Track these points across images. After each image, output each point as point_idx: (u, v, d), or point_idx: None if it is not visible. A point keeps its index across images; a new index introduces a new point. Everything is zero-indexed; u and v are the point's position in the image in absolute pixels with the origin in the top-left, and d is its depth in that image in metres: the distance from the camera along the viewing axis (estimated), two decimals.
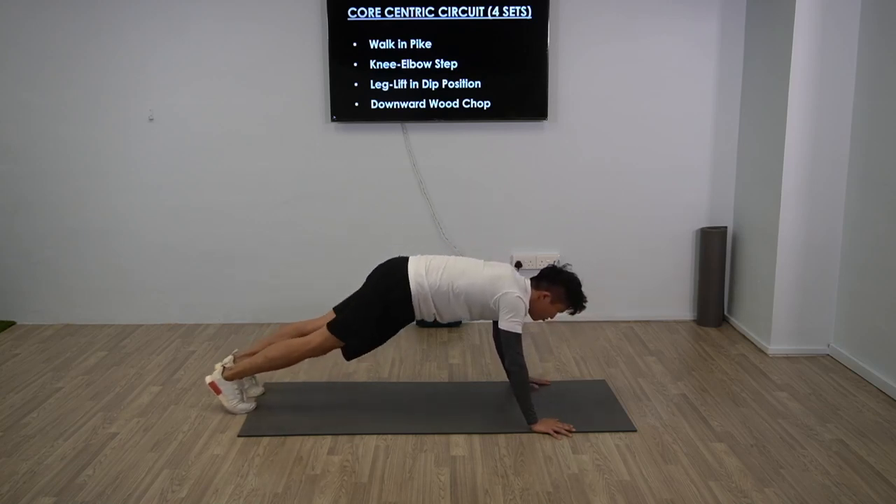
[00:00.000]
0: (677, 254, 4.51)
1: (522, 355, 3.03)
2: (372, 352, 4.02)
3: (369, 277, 3.23)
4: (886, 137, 3.43)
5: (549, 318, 3.22)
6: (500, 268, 3.14)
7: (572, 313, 3.23)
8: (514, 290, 3.04)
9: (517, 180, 4.42)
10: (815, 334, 3.93)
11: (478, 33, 4.18)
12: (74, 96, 4.29)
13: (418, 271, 3.09)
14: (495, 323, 3.38)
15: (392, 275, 3.12)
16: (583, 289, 3.20)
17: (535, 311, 3.17)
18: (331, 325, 3.13)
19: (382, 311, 3.10)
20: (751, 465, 2.78)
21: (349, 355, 3.17)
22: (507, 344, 3.03)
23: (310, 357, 3.19)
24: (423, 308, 3.10)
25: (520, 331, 3.03)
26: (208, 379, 3.22)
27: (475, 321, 4.45)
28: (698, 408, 3.30)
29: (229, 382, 3.20)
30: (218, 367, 3.24)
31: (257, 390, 3.40)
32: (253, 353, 3.27)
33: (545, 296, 3.15)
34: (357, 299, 3.19)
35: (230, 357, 3.29)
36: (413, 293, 3.06)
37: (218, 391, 3.21)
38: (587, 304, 3.21)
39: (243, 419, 3.19)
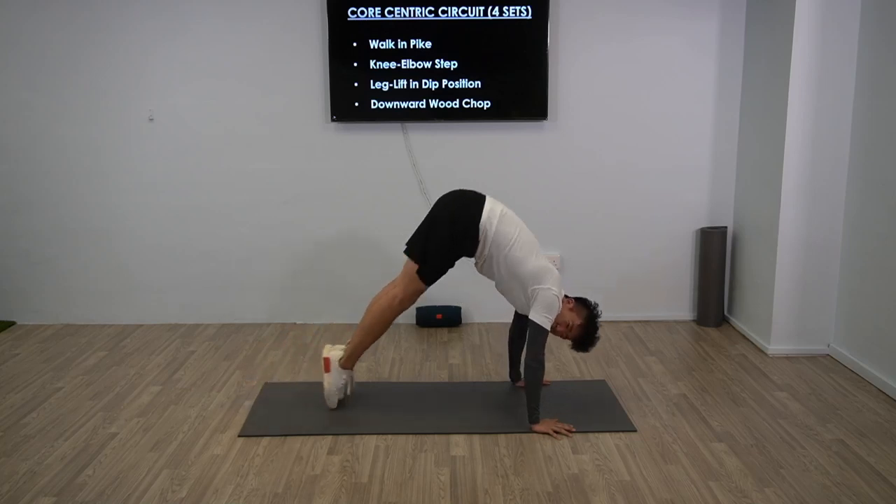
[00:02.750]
0: (677, 254, 4.51)
1: (543, 353, 3.02)
2: (372, 351, 4.04)
3: (441, 200, 3.20)
4: (886, 137, 3.43)
5: (561, 330, 3.14)
6: (552, 266, 3.14)
7: (574, 346, 3.18)
8: (556, 289, 3.04)
9: (517, 180, 4.42)
10: (815, 334, 3.93)
11: (478, 33, 4.18)
12: (74, 96, 4.29)
13: (493, 210, 3.10)
14: (516, 317, 3.38)
15: (467, 202, 3.13)
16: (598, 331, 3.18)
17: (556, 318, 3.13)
18: (408, 251, 3.16)
19: (452, 233, 3.09)
20: (751, 465, 2.78)
21: (428, 279, 3.16)
22: (533, 338, 3.02)
23: (404, 308, 3.19)
24: (481, 246, 3.10)
25: (549, 328, 3.02)
26: (325, 353, 3.24)
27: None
28: (698, 408, 3.30)
29: (343, 370, 3.24)
30: (338, 348, 3.26)
31: (349, 392, 3.39)
32: None
33: (569, 304, 3.15)
34: (428, 222, 3.17)
35: (341, 346, 3.31)
36: (481, 225, 3.06)
37: (328, 369, 3.22)
38: (591, 348, 3.20)
39: (244, 419, 3.19)
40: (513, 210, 4.39)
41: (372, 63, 4.21)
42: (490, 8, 4.15)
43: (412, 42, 4.19)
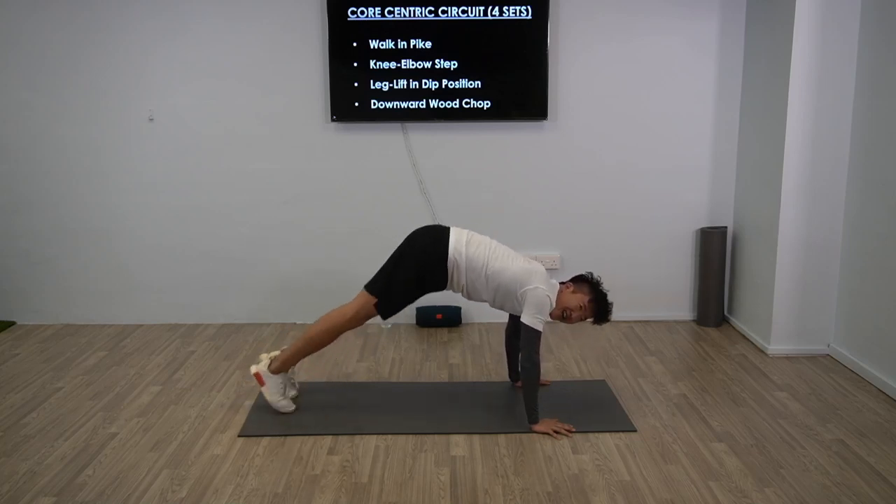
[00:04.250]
0: (677, 254, 4.51)
1: (539, 354, 3.02)
2: (372, 351, 4.04)
3: (407, 239, 3.20)
4: (886, 137, 3.43)
5: (569, 316, 3.11)
6: (535, 264, 3.12)
7: (595, 321, 3.17)
8: (543, 287, 3.03)
9: (517, 180, 4.42)
10: (815, 334, 3.93)
11: (478, 33, 4.18)
12: (74, 96, 4.29)
13: (459, 240, 3.10)
14: (511, 318, 3.38)
15: (431, 238, 3.12)
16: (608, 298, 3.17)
17: (558, 304, 3.10)
18: (368, 285, 3.16)
19: (417, 271, 3.10)
20: (751, 465, 2.78)
21: (384, 313, 3.16)
22: (526, 340, 3.02)
23: (349, 328, 3.18)
24: (455, 278, 3.11)
25: (541, 329, 3.01)
26: (253, 369, 3.22)
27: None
28: (698, 408, 3.30)
29: (274, 375, 3.21)
30: (265, 357, 3.24)
31: (292, 392, 3.38)
32: None
33: (569, 288, 3.14)
34: (393, 258, 3.17)
35: (276, 353, 3.28)
36: (449, 259, 3.07)
37: (262, 382, 3.21)
38: (611, 316, 3.17)
39: (244, 419, 3.19)
40: (513, 210, 4.44)
41: (372, 63, 4.21)
42: (490, 8, 4.15)
43: (412, 42, 4.19)
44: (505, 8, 4.14)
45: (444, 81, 4.23)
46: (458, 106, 4.25)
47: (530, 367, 3.01)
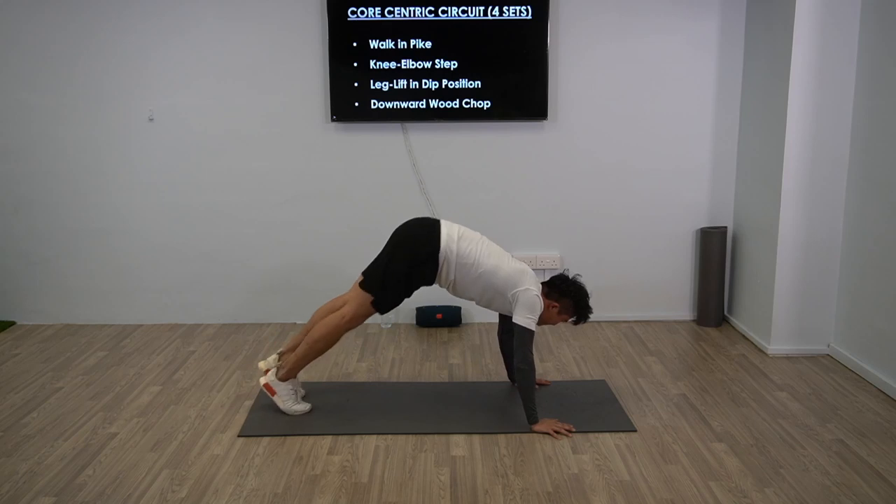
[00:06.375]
0: (677, 254, 4.51)
1: (532, 353, 3.03)
2: (372, 351, 4.04)
3: (396, 232, 3.19)
4: (886, 137, 3.43)
5: (557, 319, 3.20)
6: (524, 265, 3.15)
7: (575, 323, 3.22)
8: (534, 289, 3.06)
9: (517, 180, 4.42)
10: (815, 334, 3.93)
11: (478, 33, 4.18)
12: (74, 96, 4.29)
13: (451, 234, 3.09)
14: (501, 319, 3.39)
15: (422, 231, 3.12)
16: (589, 300, 3.20)
17: (541, 319, 3.17)
18: (363, 283, 3.14)
19: (409, 263, 3.09)
20: (751, 465, 2.78)
21: (381, 308, 3.15)
22: (520, 340, 3.03)
23: (351, 328, 3.17)
24: (445, 272, 3.10)
25: (534, 329, 3.04)
26: (262, 381, 3.21)
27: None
28: (698, 408, 3.30)
29: (283, 383, 3.20)
30: (262, 365, 3.24)
31: (301, 391, 3.39)
32: (295, 347, 3.27)
33: (553, 306, 3.15)
34: (385, 254, 3.16)
35: (274, 356, 3.28)
36: (441, 252, 3.06)
37: (272, 392, 3.20)
38: (591, 316, 3.23)
39: (243, 419, 3.19)
40: (513, 210, 4.43)
41: (372, 63, 4.21)
42: (490, 8, 4.15)
43: (412, 42, 4.19)
44: (505, 8, 4.14)
45: (444, 81, 4.23)
46: (458, 106, 4.25)
47: (526, 367, 3.02)
